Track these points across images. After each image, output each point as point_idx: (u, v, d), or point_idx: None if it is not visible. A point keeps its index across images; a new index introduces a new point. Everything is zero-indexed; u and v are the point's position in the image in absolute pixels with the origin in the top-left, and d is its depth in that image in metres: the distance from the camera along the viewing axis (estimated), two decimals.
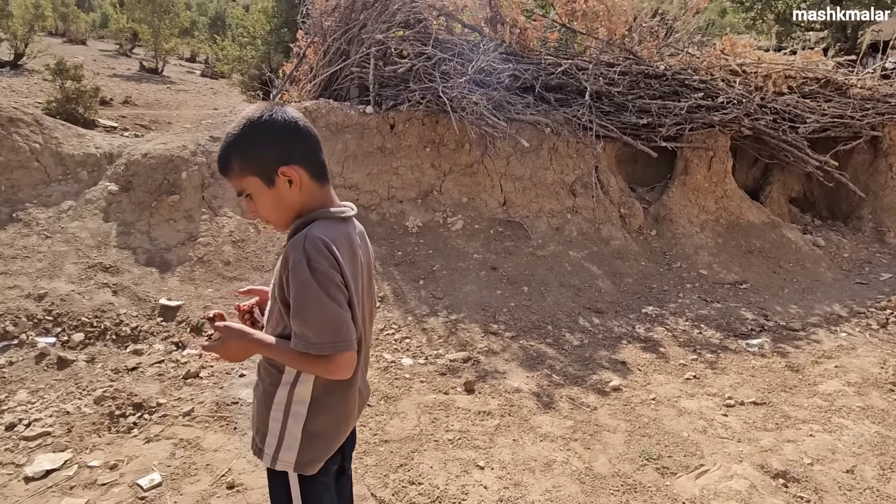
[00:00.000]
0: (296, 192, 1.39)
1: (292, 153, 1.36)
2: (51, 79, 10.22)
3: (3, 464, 2.68)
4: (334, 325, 1.32)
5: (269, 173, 1.36)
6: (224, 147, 1.37)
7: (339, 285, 1.33)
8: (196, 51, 22.53)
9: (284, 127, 1.36)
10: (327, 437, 1.50)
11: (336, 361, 1.34)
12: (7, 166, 4.51)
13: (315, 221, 1.39)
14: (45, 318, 3.72)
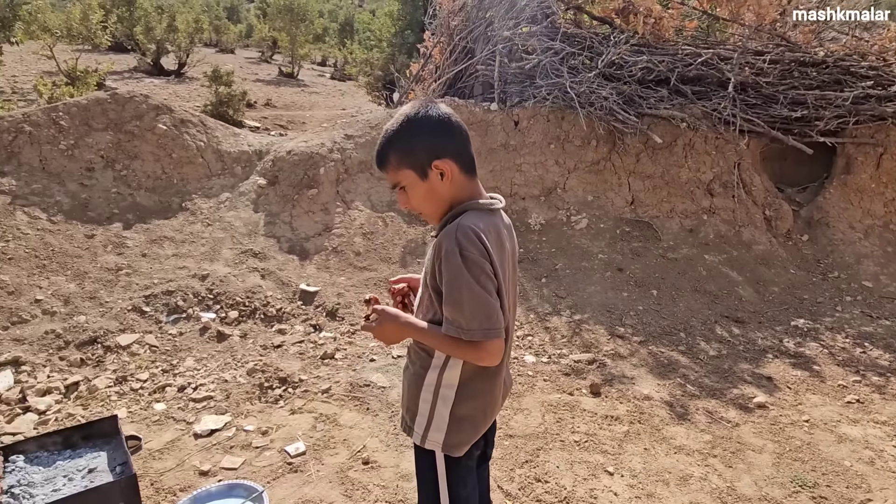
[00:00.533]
0: (447, 185, 1.46)
1: (445, 147, 1.43)
2: (207, 84, 11.51)
3: (177, 420, 3.09)
4: (485, 312, 1.36)
5: (422, 166, 1.44)
6: (383, 142, 1.47)
7: (489, 274, 1.37)
8: (327, 55, 24.14)
9: (438, 122, 1.43)
10: (474, 421, 1.55)
11: (485, 348, 1.39)
12: (179, 162, 5.16)
13: (466, 212, 1.45)
14: (207, 295, 4.21)
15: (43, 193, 4.46)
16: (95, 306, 3.91)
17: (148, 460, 2.75)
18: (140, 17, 14.22)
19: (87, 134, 4.85)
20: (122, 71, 13.99)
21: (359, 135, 5.75)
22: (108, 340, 3.69)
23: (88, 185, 4.70)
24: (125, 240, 4.49)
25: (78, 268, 4.13)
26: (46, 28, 9.96)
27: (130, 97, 5.13)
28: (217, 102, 10.83)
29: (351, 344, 4.04)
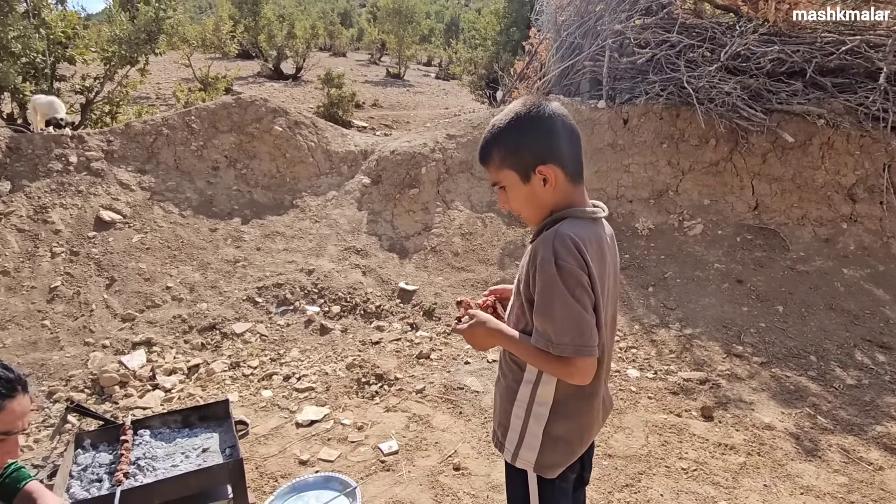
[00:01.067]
0: (549, 191, 1.37)
1: (552, 151, 1.34)
2: (320, 87, 12.17)
3: (282, 408, 3.26)
4: (577, 326, 1.27)
5: (525, 170, 1.36)
6: (488, 138, 1.40)
7: (586, 287, 1.28)
8: (432, 55, 24.64)
9: (549, 124, 1.34)
10: (570, 442, 1.45)
11: (575, 364, 1.29)
12: (292, 161, 5.47)
13: (566, 219, 1.35)
14: (312, 289, 4.42)
15: (176, 190, 4.91)
16: (215, 295, 4.23)
17: (254, 444, 2.92)
18: (264, 26, 15.33)
19: (214, 136, 5.28)
20: (247, 76, 15.18)
21: (460, 134, 5.76)
22: (225, 327, 3.98)
23: (213, 182, 5.12)
24: (243, 234, 4.83)
25: (202, 259, 4.50)
26: (185, 39, 11.06)
27: (252, 101, 5.52)
28: (328, 104, 11.41)
29: (446, 345, 4.04)
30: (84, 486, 2.31)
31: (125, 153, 4.89)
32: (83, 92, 7.09)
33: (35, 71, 6.58)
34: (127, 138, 4.95)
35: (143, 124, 5.08)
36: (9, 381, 1.36)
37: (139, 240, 4.42)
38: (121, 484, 2.23)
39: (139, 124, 5.07)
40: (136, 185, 4.76)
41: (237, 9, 15.59)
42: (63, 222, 4.26)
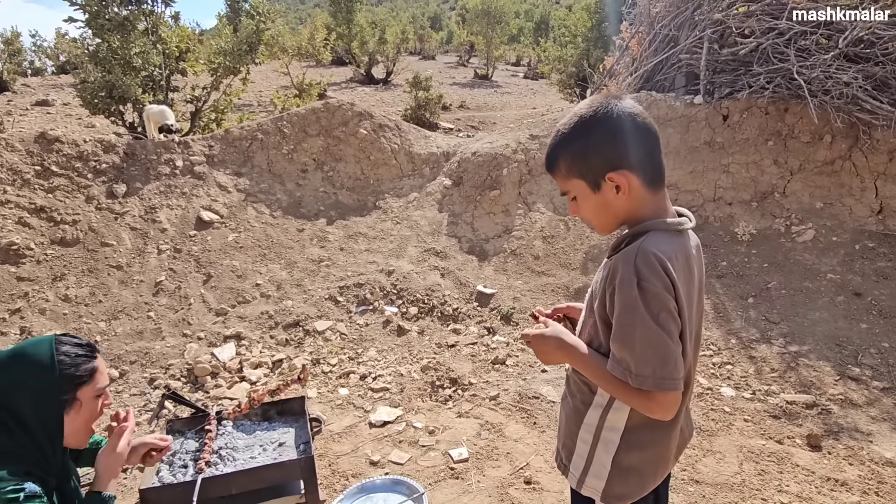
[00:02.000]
0: (623, 199, 1.22)
1: (624, 156, 1.20)
2: (408, 90, 12.40)
3: (357, 407, 3.30)
4: (660, 357, 1.13)
5: (595, 178, 1.23)
6: (553, 145, 1.27)
7: (672, 312, 1.13)
8: (521, 55, 24.37)
9: (618, 126, 1.19)
10: (642, 474, 1.31)
11: (656, 399, 1.15)
12: (376, 163, 5.58)
13: (649, 233, 1.20)
14: (391, 290, 4.47)
15: (268, 192, 5.17)
16: (300, 293, 4.40)
17: (329, 441, 2.98)
18: (356, 33, 15.89)
19: (303, 139, 5.50)
20: (339, 82, 15.80)
21: (544, 135, 5.60)
22: (308, 325, 4.12)
23: (302, 184, 5.33)
24: (327, 234, 4.99)
25: (289, 258, 4.70)
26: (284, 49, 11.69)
27: (339, 105, 5.69)
28: (416, 106, 11.60)
29: (523, 351, 3.92)
30: (172, 471, 2.45)
31: (224, 157, 5.21)
32: (193, 101, 7.68)
33: (153, 83, 7.21)
34: (226, 143, 5.29)
35: (241, 130, 5.40)
36: (89, 345, 1.48)
37: (234, 239, 4.69)
38: (202, 472, 2.34)
39: (237, 130, 5.40)
40: (232, 187, 5.06)
41: (332, 18, 16.28)
42: (169, 221, 4.62)
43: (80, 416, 1.44)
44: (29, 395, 1.38)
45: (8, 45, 14.01)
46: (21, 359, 1.40)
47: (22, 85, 12.30)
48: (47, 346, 1.41)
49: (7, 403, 1.36)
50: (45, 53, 15.80)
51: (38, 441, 1.39)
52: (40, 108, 10.16)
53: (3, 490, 1.27)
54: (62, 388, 1.40)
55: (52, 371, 1.39)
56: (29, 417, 1.38)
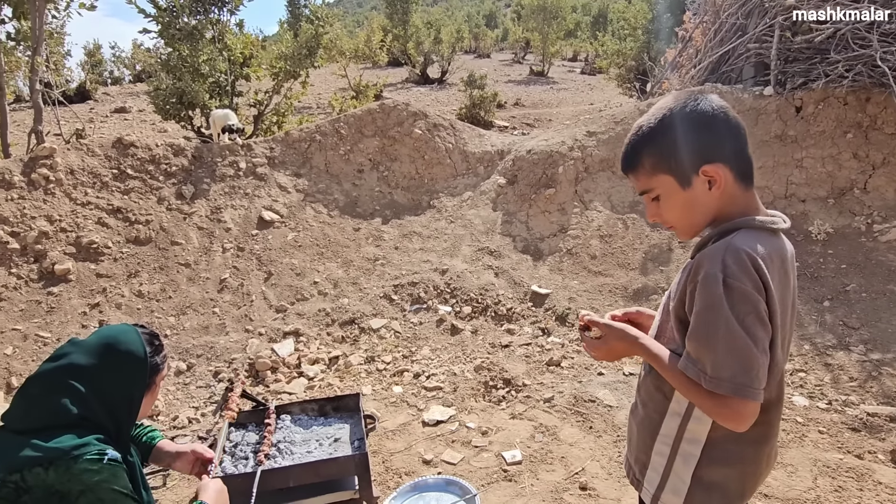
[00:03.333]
0: (715, 196, 1.15)
1: (719, 149, 1.14)
2: (463, 89, 12.40)
3: (410, 405, 3.33)
4: (743, 363, 1.04)
5: (686, 173, 1.15)
6: (635, 141, 1.20)
7: (761, 315, 1.04)
8: (578, 50, 23.89)
9: (711, 118, 1.13)
10: (726, 493, 1.22)
11: (732, 406, 1.06)
12: (430, 163, 5.60)
13: (739, 230, 1.12)
14: (445, 289, 4.48)
15: (325, 192, 5.30)
16: (356, 291, 4.48)
17: (382, 439, 3.02)
18: (412, 34, 16.04)
19: (360, 140, 5.60)
20: (395, 83, 16.00)
21: (601, 131, 5.45)
22: (363, 322, 4.19)
23: (358, 184, 5.43)
24: (383, 233, 5.06)
25: (346, 256, 4.79)
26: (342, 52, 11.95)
27: (394, 106, 5.76)
28: (470, 105, 11.58)
29: (579, 353, 3.83)
30: (234, 461, 2.55)
31: (284, 158, 5.38)
32: (256, 105, 7.98)
33: (219, 89, 7.54)
34: (286, 145, 5.45)
35: (300, 132, 5.55)
36: (156, 335, 1.60)
37: (293, 238, 4.83)
38: (261, 464, 2.42)
39: (296, 132, 5.56)
40: (292, 187, 5.22)
41: (389, 20, 16.51)
42: (233, 221, 4.81)
43: (151, 397, 1.57)
44: (121, 379, 1.48)
45: (90, 56, 15.05)
46: (115, 346, 1.50)
47: (102, 93, 13.17)
48: (136, 336, 1.53)
49: (98, 386, 1.46)
50: (122, 63, 16.86)
51: (119, 421, 1.49)
52: (118, 114, 10.84)
53: (89, 452, 1.35)
54: (148, 375, 1.52)
55: (144, 360, 1.51)
56: (115, 399, 1.47)
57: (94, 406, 1.46)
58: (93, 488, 1.34)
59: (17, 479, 1.30)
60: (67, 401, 1.43)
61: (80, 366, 1.46)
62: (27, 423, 1.43)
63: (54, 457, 1.32)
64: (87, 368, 1.48)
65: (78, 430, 1.42)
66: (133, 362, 1.51)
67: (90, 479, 1.34)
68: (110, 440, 1.47)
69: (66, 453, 1.33)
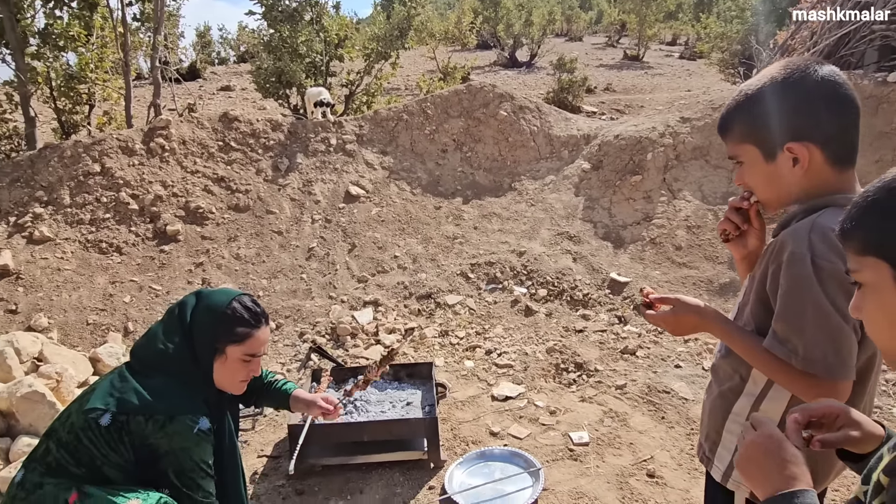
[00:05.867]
0: (798, 174, 1.12)
1: (812, 127, 1.09)
2: (552, 73, 12.19)
3: (480, 379, 3.42)
4: (834, 342, 1.03)
5: (771, 146, 1.13)
6: (731, 105, 1.19)
7: (851, 293, 1.03)
8: (678, 33, 22.63)
9: (814, 92, 1.09)
10: None
11: (824, 386, 1.05)
12: (514, 145, 5.61)
13: (828, 208, 1.09)
14: (521, 271, 4.51)
15: (409, 170, 5.46)
16: (434, 267, 4.61)
17: (452, 408, 3.13)
18: (503, 16, 15.90)
19: (445, 121, 5.70)
20: (483, 65, 15.96)
21: (696, 117, 5.21)
22: (439, 297, 4.32)
23: (441, 164, 5.54)
24: (462, 213, 5.15)
25: (425, 233, 4.94)
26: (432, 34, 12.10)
27: (481, 87, 5.80)
28: (558, 89, 11.36)
29: (656, 343, 3.75)
30: None
31: (372, 136, 5.59)
32: (348, 85, 8.30)
33: (315, 69, 7.91)
34: (374, 124, 5.66)
35: (388, 111, 5.74)
36: (255, 314, 1.70)
37: (377, 213, 5.04)
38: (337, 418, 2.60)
39: (385, 111, 5.75)
40: (378, 164, 5.42)
41: (480, 1, 16.46)
42: (322, 194, 5.09)
43: (225, 367, 1.66)
44: (201, 330, 1.66)
45: (200, 38, 16.19)
46: (205, 300, 1.69)
47: (210, 73, 14.17)
48: (225, 299, 1.67)
49: (190, 330, 1.66)
50: (229, 45, 17.99)
51: (204, 370, 1.67)
52: (224, 92, 11.64)
53: (184, 417, 1.54)
54: (215, 337, 1.63)
55: (217, 321, 1.64)
56: (198, 347, 1.66)
57: (187, 352, 1.64)
58: (176, 453, 1.52)
59: (124, 420, 1.50)
60: (169, 345, 1.64)
61: (187, 313, 1.66)
62: (143, 357, 1.65)
63: (154, 412, 1.50)
64: (193, 314, 1.68)
65: (179, 377, 1.61)
66: (208, 319, 1.64)
67: (177, 444, 1.51)
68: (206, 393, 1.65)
69: (166, 412, 1.51)
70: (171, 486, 1.56)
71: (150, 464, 1.56)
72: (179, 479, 1.56)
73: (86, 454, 1.54)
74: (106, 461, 1.53)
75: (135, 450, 1.54)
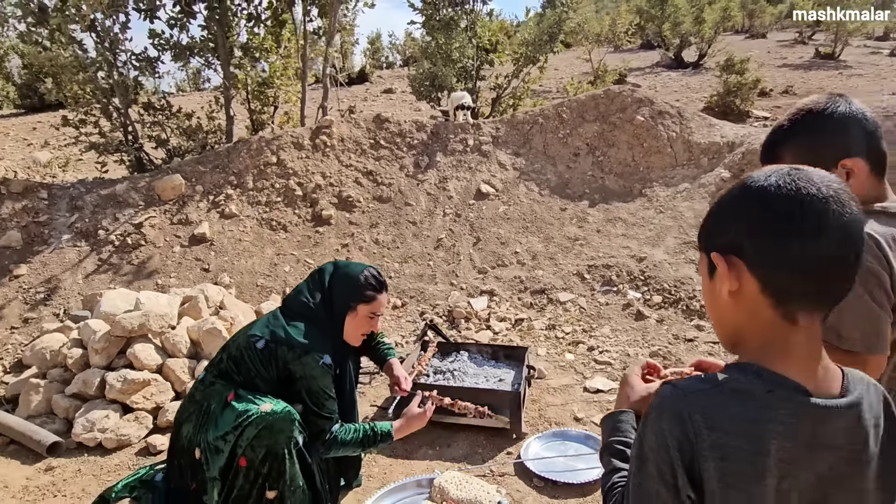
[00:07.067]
0: (853, 186, 1.35)
1: (855, 145, 1.34)
2: (718, 74, 11.53)
3: (577, 372, 3.67)
4: (873, 326, 1.27)
5: (825, 165, 1.38)
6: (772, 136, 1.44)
7: (885, 287, 1.26)
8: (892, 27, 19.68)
9: (847, 119, 1.35)
10: None
11: (864, 360, 1.28)
12: (648, 151, 5.65)
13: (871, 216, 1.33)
14: (638, 276, 4.61)
15: (539, 171, 5.79)
16: (551, 265, 4.91)
17: (544, 392, 3.44)
18: (670, 14, 15.32)
19: (580, 125, 5.93)
20: (643, 66, 15.53)
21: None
22: (552, 294, 4.61)
23: (572, 167, 5.79)
24: (587, 216, 5.36)
25: (548, 233, 5.24)
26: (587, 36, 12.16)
27: (619, 92, 5.92)
28: (724, 92, 10.76)
29: None
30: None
31: (507, 139, 6.02)
32: (495, 89, 8.82)
33: (465, 73, 8.56)
34: (510, 126, 6.08)
35: (524, 114, 6.12)
36: (380, 282, 2.28)
37: (503, 210, 5.45)
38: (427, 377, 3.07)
39: (521, 114, 6.14)
40: (510, 165, 5.84)
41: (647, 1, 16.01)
42: (455, 190, 5.64)
43: (354, 322, 2.25)
44: (339, 292, 2.25)
45: (371, 44, 17.97)
46: (342, 269, 2.30)
47: (377, 76, 15.72)
48: (359, 269, 2.29)
49: (330, 291, 2.26)
50: (396, 50, 19.68)
51: (338, 322, 2.25)
52: (386, 95, 12.92)
53: (315, 353, 2.13)
54: (351, 298, 2.23)
55: (353, 286, 2.24)
56: (336, 304, 2.25)
57: (325, 307, 2.24)
58: (307, 378, 2.11)
59: (273, 347, 2.13)
60: (311, 300, 2.25)
61: (326, 278, 2.28)
62: (291, 306, 2.28)
63: (294, 345, 2.12)
64: (332, 279, 2.28)
65: (315, 324, 2.21)
66: (346, 284, 2.24)
67: (307, 372, 2.11)
68: (333, 341, 2.23)
69: (302, 346, 2.12)
70: (303, 402, 2.16)
71: (288, 384, 2.17)
72: (309, 398, 2.15)
73: (244, 367, 2.19)
74: (258, 375, 2.17)
75: (278, 371, 2.17)
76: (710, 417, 0.75)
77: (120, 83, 5.63)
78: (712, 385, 0.79)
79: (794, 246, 0.75)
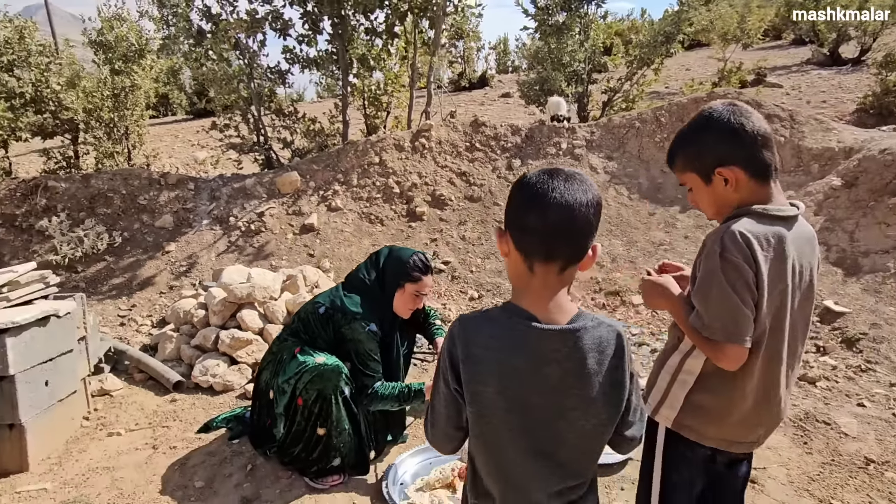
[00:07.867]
0: (730, 191, 1.52)
1: (732, 155, 1.48)
2: (874, 72, 10.44)
3: None
4: (731, 316, 1.43)
5: (706, 172, 1.55)
6: (674, 143, 1.63)
7: (748, 283, 1.41)
8: None
9: (727, 129, 1.48)
10: (709, 415, 1.61)
11: (722, 349, 1.46)
12: None
13: (742, 217, 1.48)
14: None
15: (632, 176, 5.87)
16: (630, 269, 5.01)
17: None
18: (826, 4, 14.02)
19: (677, 129, 5.90)
20: (790, 65, 14.36)
21: None
22: (626, 296, 4.74)
23: (666, 171, 5.79)
24: (676, 221, 5.36)
25: (631, 237, 5.33)
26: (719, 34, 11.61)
27: (724, 94, 5.80)
28: (881, 93, 9.76)
29: (850, 380, 3.53)
30: None
31: (601, 142, 6.17)
32: (607, 92, 8.87)
33: (576, 77, 8.73)
34: (606, 130, 6.21)
35: (621, 118, 6.22)
36: (426, 266, 2.75)
37: None
38: None
39: (618, 118, 6.24)
40: (601, 168, 5.98)
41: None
42: None
43: (402, 298, 2.76)
44: (390, 271, 2.75)
45: (495, 49, 18.52)
46: (396, 253, 2.81)
47: (497, 81, 16.22)
48: (409, 254, 2.79)
49: (383, 270, 2.76)
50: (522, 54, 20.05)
51: (388, 297, 2.75)
52: (503, 99, 13.35)
53: (362, 321, 2.63)
54: (400, 277, 2.73)
55: (402, 267, 2.73)
56: (388, 280, 2.74)
57: (378, 283, 2.74)
58: (354, 341, 2.64)
59: (331, 313, 2.70)
60: (368, 277, 2.76)
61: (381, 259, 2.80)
62: (351, 281, 2.82)
63: (346, 313, 2.66)
64: (386, 261, 2.79)
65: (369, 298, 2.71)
66: (403, 266, 2.72)
67: (355, 335, 2.64)
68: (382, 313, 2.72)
69: (353, 314, 2.66)
70: (352, 361, 2.68)
71: (340, 345, 2.70)
72: (356, 358, 2.66)
73: (309, 328, 2.75)
74: (318, 335, 2.73)
75: (334, 333, 2.70)
76: (468, 336, 1.13)
77: (256, 93, 6.67)
78: (481, 314, 1.17)
79: (528, 219, 1.10)
